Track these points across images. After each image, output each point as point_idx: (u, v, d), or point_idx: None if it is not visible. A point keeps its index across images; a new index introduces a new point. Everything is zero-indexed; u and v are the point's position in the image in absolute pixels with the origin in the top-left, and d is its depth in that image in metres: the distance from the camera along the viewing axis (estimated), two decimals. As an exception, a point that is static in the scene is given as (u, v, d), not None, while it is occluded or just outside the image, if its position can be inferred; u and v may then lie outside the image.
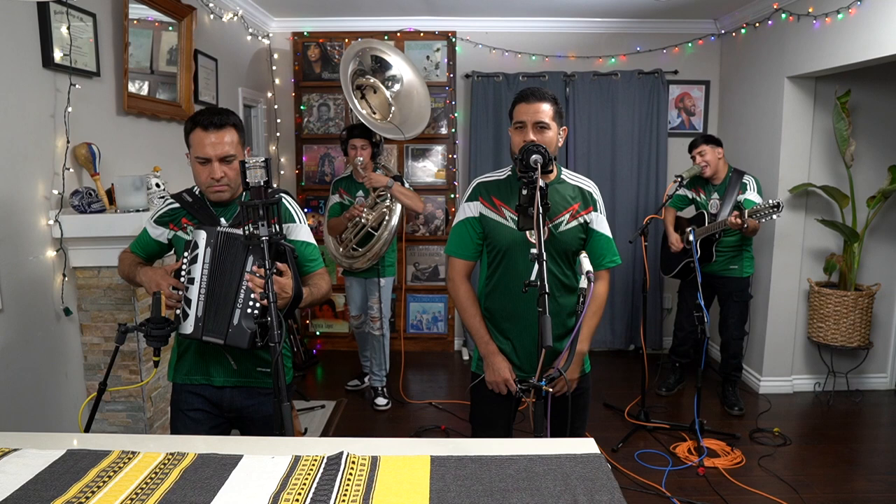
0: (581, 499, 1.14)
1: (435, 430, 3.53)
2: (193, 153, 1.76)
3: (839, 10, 3.25)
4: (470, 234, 2.00)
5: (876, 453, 3.29)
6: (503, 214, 1.95)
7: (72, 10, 2.38)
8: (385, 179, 3.54)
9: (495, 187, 1.99)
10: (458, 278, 2.03)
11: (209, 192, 1.80)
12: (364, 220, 3.58)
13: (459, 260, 2.03)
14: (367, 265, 3.67)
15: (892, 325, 4.04)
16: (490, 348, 1.97)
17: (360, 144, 3.59)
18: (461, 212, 2.02)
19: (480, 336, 2.00)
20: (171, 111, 3.19)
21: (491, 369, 1.97)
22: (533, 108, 1.88)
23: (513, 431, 2.13)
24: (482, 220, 1.98)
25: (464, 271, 2.03)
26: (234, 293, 1.68)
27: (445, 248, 2.08)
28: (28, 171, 2.24)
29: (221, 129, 1.73)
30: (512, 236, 1.93)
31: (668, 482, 2.90)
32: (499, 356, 1.96)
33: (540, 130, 1.88)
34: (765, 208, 3.18)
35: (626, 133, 4.69)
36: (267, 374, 1.84)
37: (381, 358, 3.87)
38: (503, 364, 1.95)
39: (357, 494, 1.16)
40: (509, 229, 1.93)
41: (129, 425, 2.54)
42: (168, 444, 1.38)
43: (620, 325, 4.87)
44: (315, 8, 4.43)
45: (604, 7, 4.29)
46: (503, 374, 1.94)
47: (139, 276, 1.83)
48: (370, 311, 3.84)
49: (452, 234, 2.04)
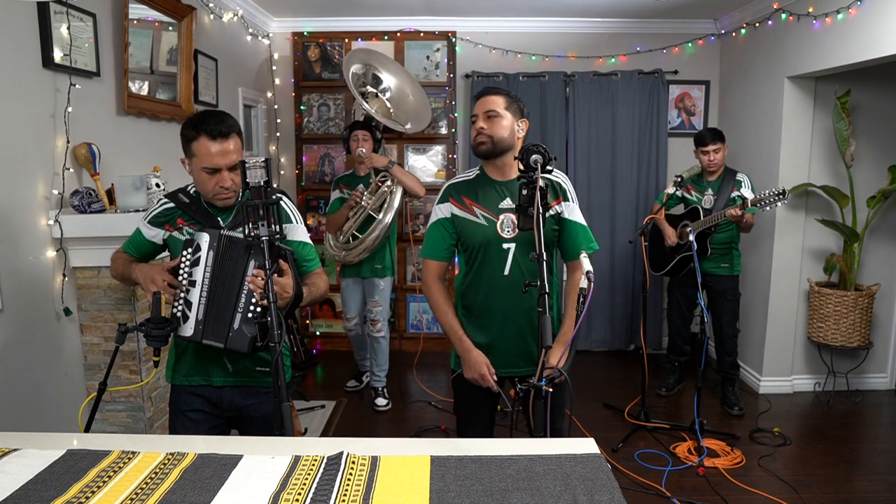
0: (581, 499, 1.14)
1: (435, 430, 3.53)
2: (200, 163, 1.72)
3: (839, 10, 3.25)
4: (442, 235, 2.04)
5: (876, 453, 3.29)
6: (474, 213, 1.99)
7: (72, 10, 2.38)
8: (385, 160, 3.62)
9: (465, 187, 2.04)
10: (430, 279, 2.08)
11: (216, 200, 1.78)
12: (365, 204, 3.60)
13: (433, 261, 2.08)
14: (364, 256, 3.66)
15: (892, 325, 4.04)
16: (465, 345, 2.01)
17: (361, 136, 3.63)
18: (433, 214, 2.08)
19: (454, 332, 2.04)
20: (171, 111, 3.19)
21: (467, 365, 2.00)
22: (483, 100, 1.98)
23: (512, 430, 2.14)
24: (454, 221, 2.02)
25: (437, 272, 2.08)
26: (236, 297, 1.68)
27: (420, 251, 2.12)
28: (28, 171, 2.24)
29: (228, 138, 1.71)
30: (485, 234, 1.97)
31: (668, 482, 2.90)
32: (474, 351, 1.99)
33: (489, 119, 1.95)
34: (770, 195, 3.17)
35: (626, 133, 4.69)
36: (266, 374, 1.84)
37: (382, 359, 3.86)
38: (479, 359, 1.98)
39: (357, 494, 1.16)
40: (482, 227, 1.98)
41: (129, 425, 2.54)
42: (168, 444, 1.38)
43: (620, 325, 4.87)
44: (315, 8, 4.42)
45: (604, 7, 4.29)
46: (479, 370, 1.97)
47: (134, 272, 1.81)
48: (370, 314, 3.82)
49: (426, 237, 2.09)
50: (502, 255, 1.97)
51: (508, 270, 1.96)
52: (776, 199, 3.15)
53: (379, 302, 3.78)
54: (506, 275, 1.97)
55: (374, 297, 3.79)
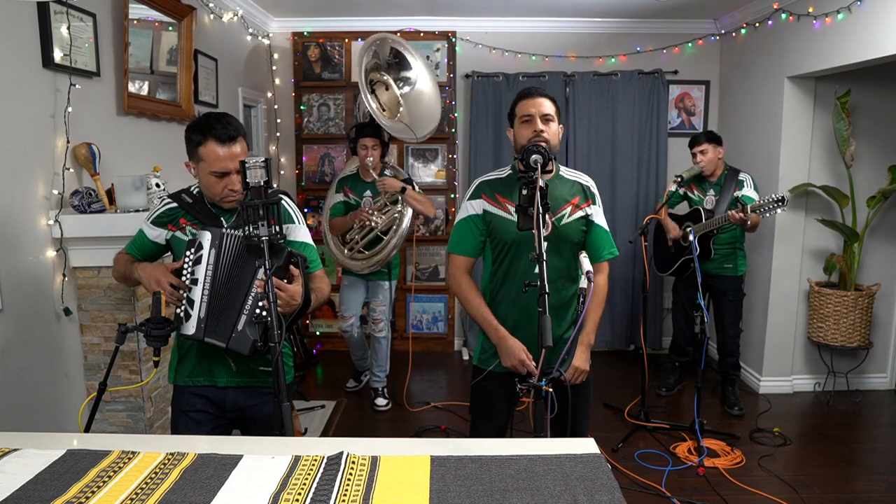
0: (581, 499, 1.14)
1: (435, 430, 3.53)
2: (209, 167, 1.72)
3: (839, 10, 3.25)
4: (472, 231, 2.03)
5: (876, 453, 3.29)
6: (507, 210, 1.99)
7: (72, 10, 2.38)
8: (399, 185, 3.47)
9: (498, 185, 2.04)
10: (458, 273, 2.07)
11: (223, 202, 1.79)
12: (373, 224, 3.53)
13: (461, 257, 2.06)
14: (372, 270, 3.63)
15: (892, 325, 4.04)
16: (500, 333, 1.98)
17: (370, 144, 3.51)
18: (463, 210, 2.06)
19: (489, 322, 2.01)
20: (171, 111, 3.19)
21: (505, 353, 1.97)
22: (538, 101, 1.97)
23: (512, 430, 2.14)
24: (486, 217, 2.02)
25: (465, 267, 2.07)
26: (242, 299, 1.68)
27: (448, 246, 2.11)
28: (28, 171, 2.24)
29: (235, 141, 1.72)
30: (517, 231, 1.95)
31: (668, 482, 2.90)
32: (510, 339, 1.97)
33: (546, 122, 1.96)
34: (769, 202, 3.16)
35: (626, 133, 4.69)
36: (270, 374, 1.84)
37: (382, 359, 3.85)
38: (516, 345, 1.95)
39: (357, 494, 1.16)
40: (514, 223, 1.96)
41: (129, 425, 2.54)
42: (168, 444, 1.38)
43: (620, 324, 4.87)
44: (315, 8, 4.43)
45: (604, 7, 4.29)
46: (518, 356, 1.94)
47: (137, 271, 1.80)
48: (373, 313, 3.80)
49: (454, 232, 2.08)
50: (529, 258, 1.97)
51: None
52: (775, 205, 3.15)
53: (382, 301, 3.77)
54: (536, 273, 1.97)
55: (377, 296, 3.78)
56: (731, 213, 3.30)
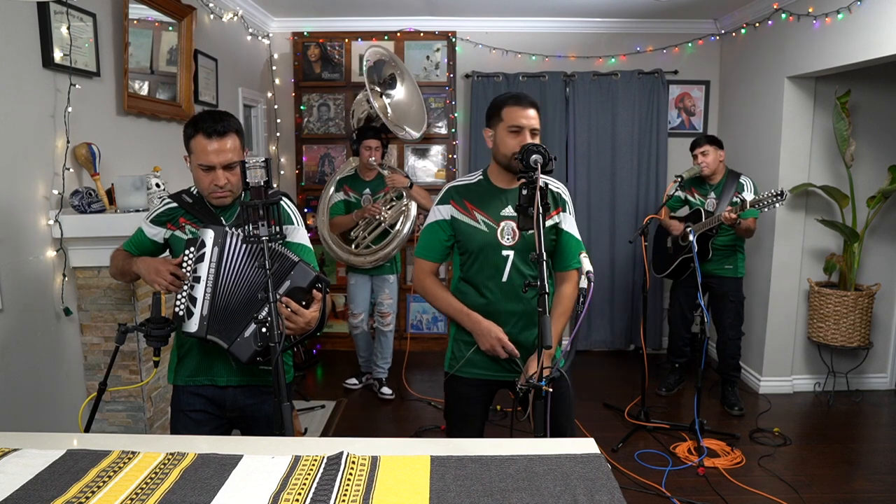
0: (581, 499, 1.14)
1: (435, 430, 3.53)
2: (196, 160, 1.74)
3: (839, 10, 3.25)
4: (439, 236, 2.04)
5: (876, 453, 3.29)
6: (475, 218, 1.99)
7: (72, 10, 2.38)
8: (406, 180, 3.71)
9: (467, 191, 2.03)
10: (422, 275, 2.08)
11: (211, 198, 1.79)
12: (382, 218, 3.71)
13: (426, 261, 2.07)
14: (376, 264, 3.79)
15: (892, 325, 4.04)
16: (473, 317, 1.97)
17: (374, 146, 3.73)
18: (432, 215, 2.06)
19: (459, 310, 2.00)
20: (171, 111, 3.19)
21: (481, 336, 1.96)
22: (529, 113, 1.93)
23: (512, 430, 2.13)
24: (453, 224, 2.02)
25: (429, 270, 2.08)
26: (258, 307, 1.66)
27: (415, 250, 2.11)
28: (28, 171, 2.24)
29: (224, 137, 1.72)
30: (484, 239, 1.97)
31: (668, 482, 2.90)
32: (484, 321, 1.96)
33: (534, 137, 1.93)
34: (768, 197, 3.16)
35: (626, 133, 4.69)
36: (270, 373, 1.84)
37: (388, 352, 4.00)
38: (492, 326, 1.94)
39: (357, 494, 1.16)
40: (481, 232, 1.98)
41: (129, 425, 2.54)
42: (168, 444, 1.38)
43: (620, 325, 4.87)
44: (315, 8, 4.43)
45: (604, 7, 4.29)
46: (496, 334, 1.93)
47: (135, 264, 1.81)
48: (380, 307, 3.93)
49: (422, 236, 2.08)
50: (501, 261, 1.97)
51: (507, 277, 1.97)
52: (774, 199, 3.14)
53: (390, 295, 3.93)
54: (504, 281, 1.97)
55: (384, 290, 3.92)
56: (724, 214, 3.31)
